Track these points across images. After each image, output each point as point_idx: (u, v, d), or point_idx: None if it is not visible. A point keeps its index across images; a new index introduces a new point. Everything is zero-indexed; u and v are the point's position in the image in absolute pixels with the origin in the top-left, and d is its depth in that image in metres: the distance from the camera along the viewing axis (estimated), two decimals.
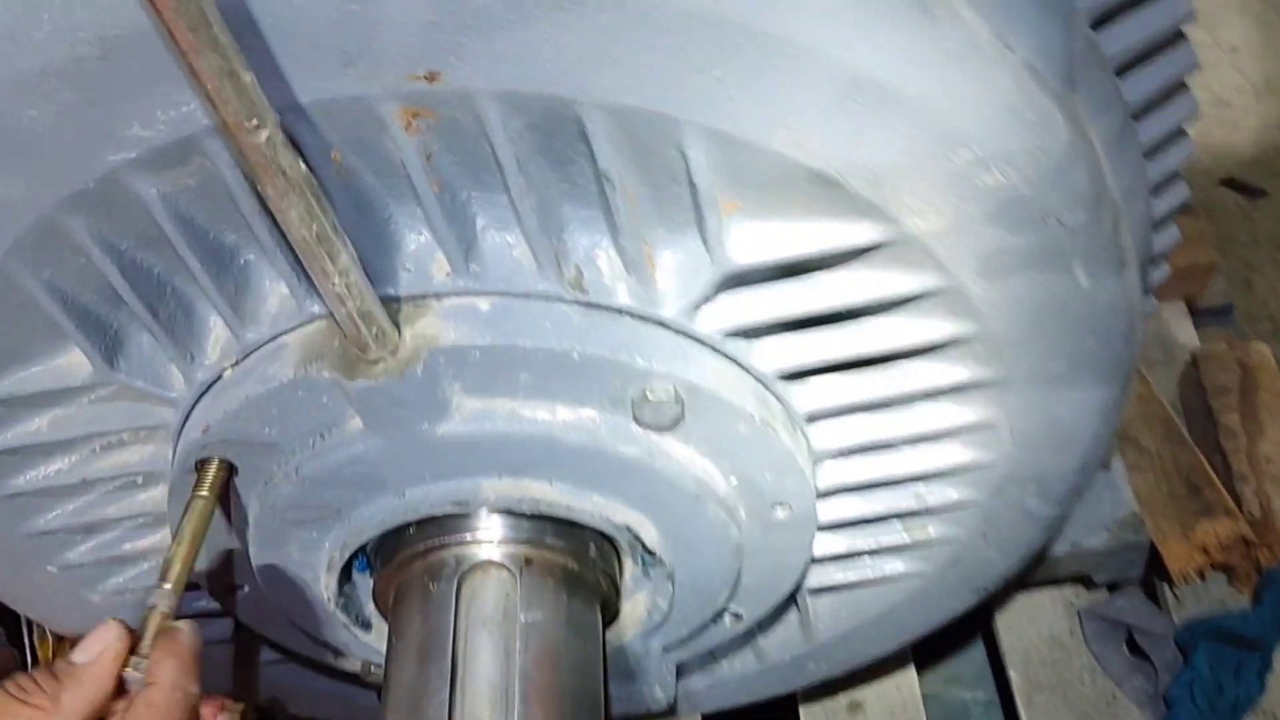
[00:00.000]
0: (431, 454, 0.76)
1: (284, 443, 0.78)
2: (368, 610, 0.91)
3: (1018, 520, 0.96)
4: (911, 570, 1.02)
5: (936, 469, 0.90)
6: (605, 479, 0.79)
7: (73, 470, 0.88)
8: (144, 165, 0.66)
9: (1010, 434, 0.87)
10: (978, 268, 0.74)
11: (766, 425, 0.79)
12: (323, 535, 0.82)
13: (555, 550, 0.82)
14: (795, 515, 0.86)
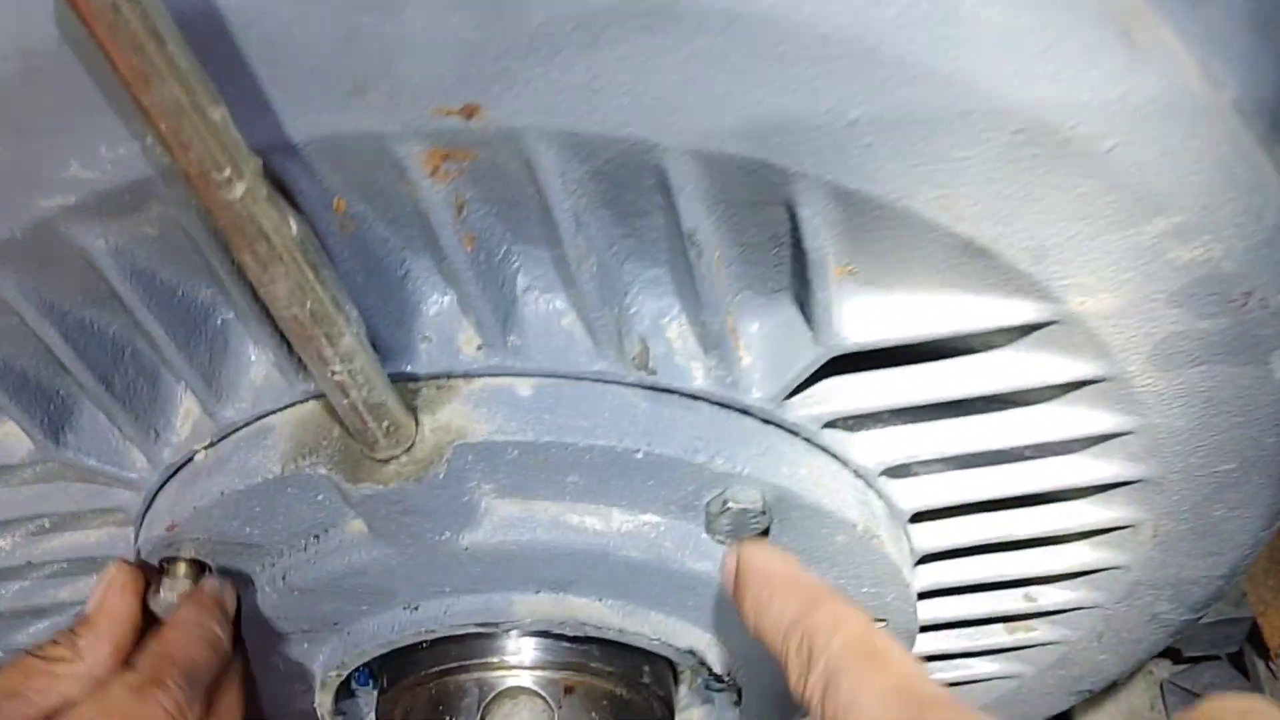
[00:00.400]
0: (454, 566, 0.61)
1: (269, 545, 0.63)
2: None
3: (1142, 625, 0.81)
4: (1008, 672, 0.87)
5: (1057, 571, 0.75)
6: (669, 596, 0.64)
7: (14, 551, 0.73)
8: (87, 212, 0.50)
9: (1154, 536, 0.72)
10: (1150, 355, 0.58)
11: (869, 535, 0.63)
12: (316, 648, 0.67)
13: (602, 676, 0.67)
14: (892, 629, 0.71)
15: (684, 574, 0.62)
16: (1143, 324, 0.56)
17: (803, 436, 0.62)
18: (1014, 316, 0.56)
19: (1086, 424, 0.62)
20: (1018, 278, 0.53)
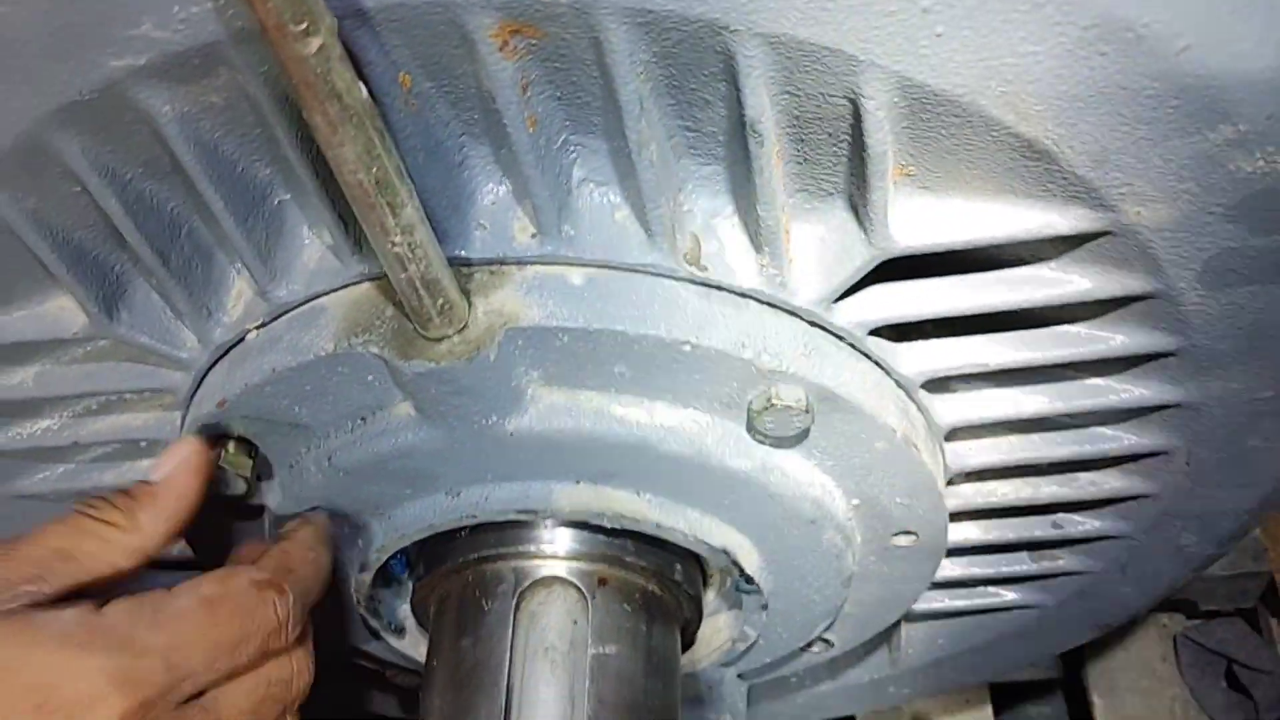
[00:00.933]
0: (497, 452, 0.62)
1: (317, 424, 0.63)
2: (401, 614, 0.77)
3: (1166, 557, 0.82)
4: (1030, 601, 0.88)
5: (1087, 498, 0.76)
6: (706, 494, 0.64)
7: (62, 431, 0.74)
8: (156, 75, 0.51)
9: (1186, 465, 0.72)
10: (1201, 273, 0.58)
11: (908, 443, 0.64)
12: (356, 533, 0.68)
13: (635, 570, 0.68)
14: (921, 544, 0.72)
15: (723, 471, 0.63)
16: (1197, 238, 0.56)
17: (848, 342, 0.62)
18: (1068, 224, 0.56)
19: (1131, 343, 0.63)
20: (1076, 183, 0.53)
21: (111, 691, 0.53)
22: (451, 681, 0.66)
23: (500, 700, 0.63)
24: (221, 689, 0.58)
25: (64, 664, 0.53)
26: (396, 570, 0.74)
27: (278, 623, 0.59)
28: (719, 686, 0.83)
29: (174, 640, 0.55)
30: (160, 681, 0.54)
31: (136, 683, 0.54)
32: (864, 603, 0.78)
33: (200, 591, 0.57)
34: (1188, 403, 0.67)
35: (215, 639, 0.57)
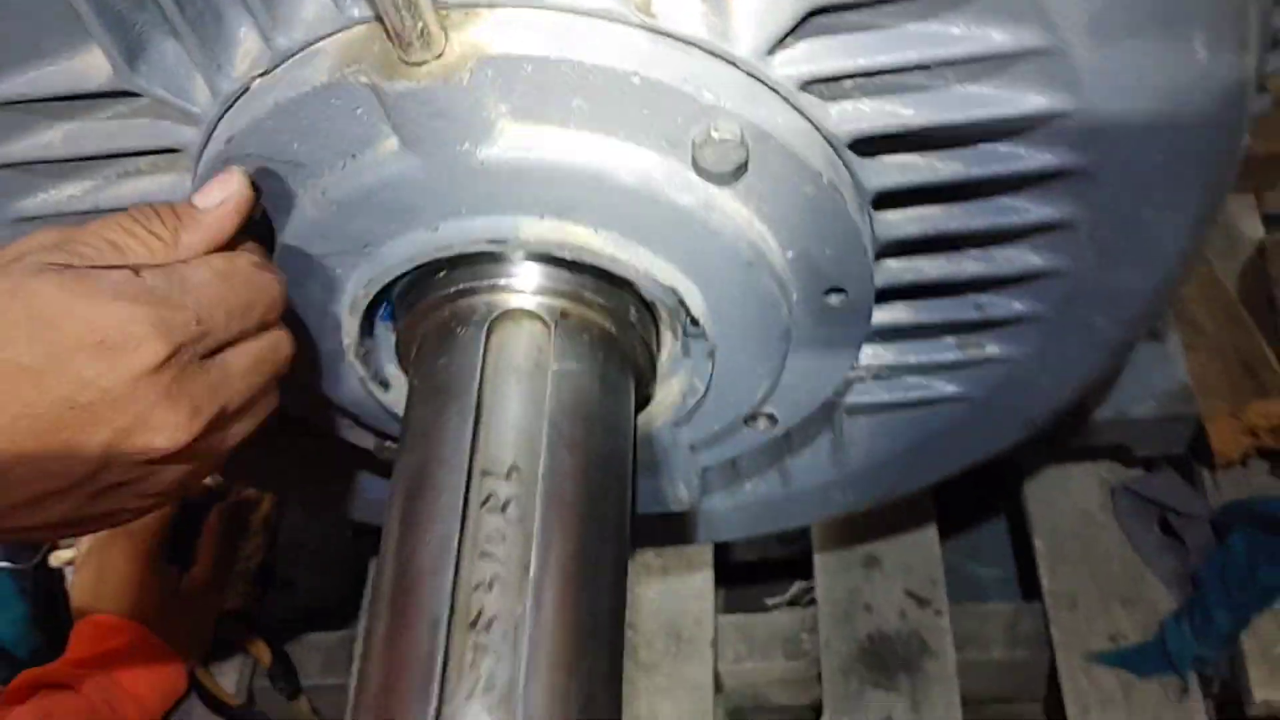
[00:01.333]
0: (470, 182, 0.70)
1: (312, 162, 0.72)
2: (387, 370, 0.86)
3: (1080, 342, 0.91)
4: (959, 392, 0.97)
5: (1004, 274, 0.85)
6: (655, 231, 0.73)
7: (86, 196, 0.83)
8: None
9: (1090, 238, 0.81)
10: (1088, 26, 0.67)
11: (834, 189, 0.73)
12: (348, 271, 0.77)
13: (593, 307, 0.77)
14: (850, 303, 0.80)
15: (670, 206, 0.71)
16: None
17: (782, 95, 0.71)
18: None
19: (1029, 101, 0.71)
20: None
21: (154, 336, 0.63)
22: (429, 393, 0.75)
23: (471, 405, 0.72)
24: (231, 349, 0.68)
25: (118, 311, 0.62)
26: (384, 320, 0.83)
27: (274, 297, 0.68)
28: (672, 453, 0.91)
29: (200, 301, 0.65)
30: (191, 333, 0.65)
31: (172, 330, 0.64)
32: (802, 372, 0.86)
33: (214, 265, 0.67)
34: (1085, 168, 0.75)
35: (231, 303, 0.67)
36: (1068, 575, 1.35)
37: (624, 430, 0.77)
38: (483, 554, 0.67)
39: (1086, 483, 1.41)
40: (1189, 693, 1.27)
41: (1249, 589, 1.28)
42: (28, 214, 0.84)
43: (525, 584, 0.66)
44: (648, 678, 1.33)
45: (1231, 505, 1.32)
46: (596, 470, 0.72)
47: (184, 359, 0.65)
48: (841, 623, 1.34)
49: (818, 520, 1.27)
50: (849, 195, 0.75)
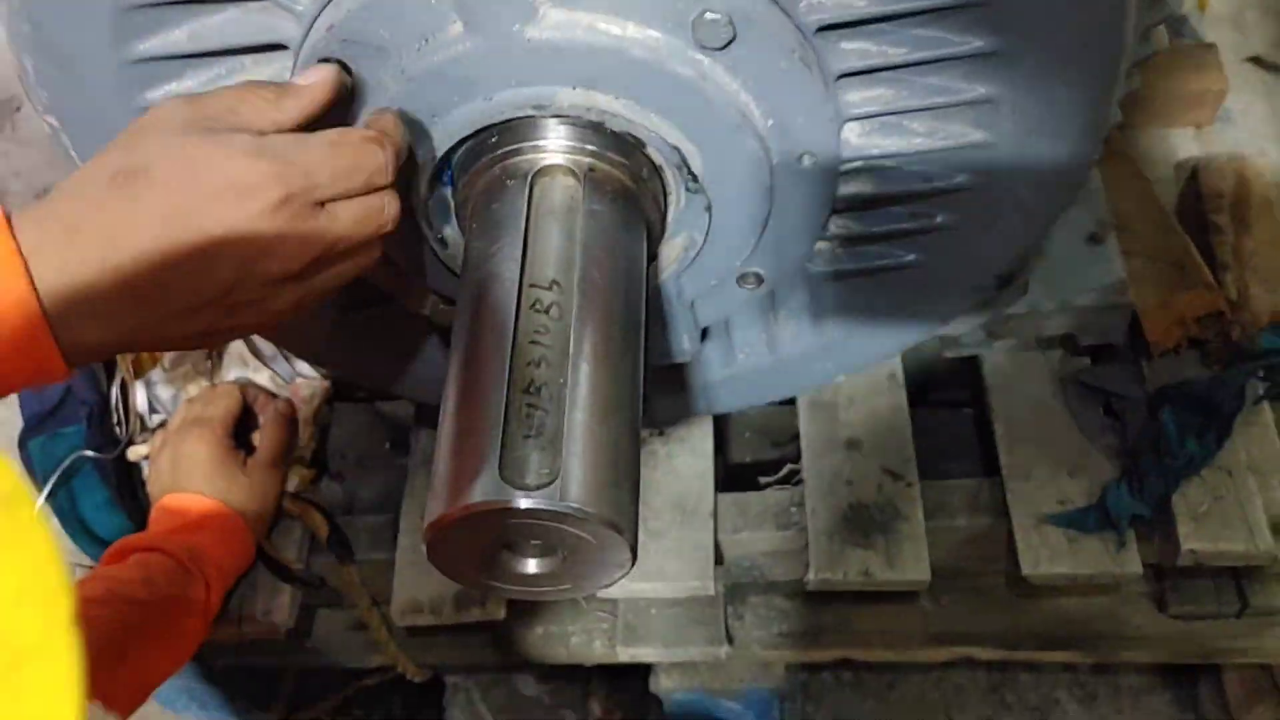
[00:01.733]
0: (518, 58, 0.90)
1: (394, 46, 0.92)
2: (445, 231, 1.06)
3: (1012, 211, 1.10)
4: (915, 259, 1.16)
5: (939, 146, 1.04)
6: (662, 98, 0.93)
7: (201, 86, 1.02)
8: None
9: (1011, 111, 1.00)
10: None
11: (804, 66, 0.93)
12: (418, 139, 0.97)
13: (614, 164, 0.96)
14: (819, 165, 1.00)
15: (674, 76, 0.91)
16: None
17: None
18: None
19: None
20: None
21: (273, 184, 0.82)
22: (485, 230, 0.94)
23: (520, 236, 0.91)
24: (341, 203, 0.86)
25: (245, 163, 0.82)
26: (446, 182, 1.03)
27: (381, 163, 0.87)
28: (675, 304, 1.11)
29: (310, 160, 0.84)
30: (302, 184, 0.83)
31: (287, 181, 0.83)
32: (781, 230, 1.06)
33: (327, 136, 0.86)
34: (1002, 50, 0.95)
35: (338, 165, 0.85)
36: (1023, 453, 1.54)
37: (638, 258, 0.97)
38: (533, 341, 0.87)
39: (1040, 375, 1.59)
40: (1126, 546, 1.46)
41: (1178, 458, 1.47)
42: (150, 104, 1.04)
43: (565, 362, 0.86)
44: (656, 542, 1.52)
45: (1163, 388, 1.52)
46: (619, 282, 0.93)
47: (296, 204, 0.84)
48: (826, 495, 1.53)
49: (804, 391, 1.47)
50: (815, 72, 0.95)
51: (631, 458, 0.86)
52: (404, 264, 1.10)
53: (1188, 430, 1.48)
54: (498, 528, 0.80)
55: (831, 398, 1.59)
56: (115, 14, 0.96)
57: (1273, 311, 1.53)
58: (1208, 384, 1.51)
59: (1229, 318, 1.53)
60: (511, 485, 0.78)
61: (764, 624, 1.68)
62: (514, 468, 0.80)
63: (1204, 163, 1.68)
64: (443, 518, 0.79)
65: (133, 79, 1.01)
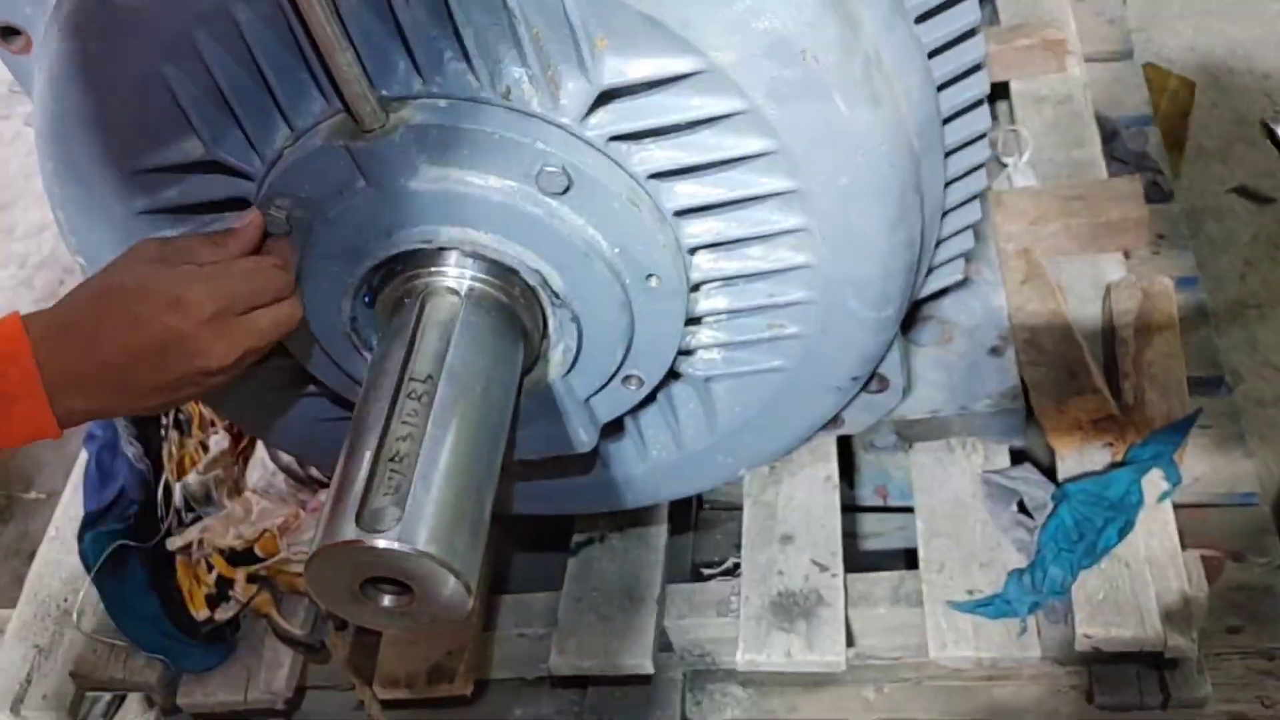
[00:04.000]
0: (407, 204, 1.16)
1: (316, 197, 1.19)
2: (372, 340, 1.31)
3: (846, 320, 1.30)
4: (777, 364, 1.36)
5: (774, 268, 1.25)
6: (521, 232, 1.17)
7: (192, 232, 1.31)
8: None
9: (821, 238, 1.22)
10: (766, 93, 1.10)
11: (634, 205, 1.16)
12: (342, 269, 1.23)
13: (492, 285, 1.20)
14: (665, 285, 1.22)
15: (528, 215, 1.16)
16: (754, 71, 1.08)
17: (594, 146, 1.15)
18: (686, 66, 1.09)
19: (747, 145, 1.14)
20: (680, 41, 1.06)
21: (206, 300, 1.09)
22: (385, 337, 1.20)
23: (407, 341, 1.16)
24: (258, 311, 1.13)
25: (186, 285, 1.10)
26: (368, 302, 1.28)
27: (284, 281, 1.15)
28: (568, 400, 1.33)
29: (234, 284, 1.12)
30: (228, 301, 1.11)
31: (216, 298, 1.10)
32: (648, 339, 1.28)
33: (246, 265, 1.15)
34: (800, 189, 1.17)
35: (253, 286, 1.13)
36: (940, 546, 1.69)
37: (506, 359, 1.21)
38: (404, 421, 1.10)
39: (962, 476, 1.75)
40: (1027, 631, 1.59)
41: (1076, 550, 1.61)
42: None
43: (424, 439, 1.09)
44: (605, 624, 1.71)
45: (1062, 485, 1.66)
46: (481, 377, 1.16)
47: (226, 315, 1.11)
48: (759, 584, 1.70)
49: (714, 485, 1.65)
50: (647, 210, 1.18)
51: (475, 512, 1.08)
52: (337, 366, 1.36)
53: (1084, 525, 1.62)
54: (356, 565, 1.02)
55: (772, 497, 1.78)
56: (123, 179, 1.26)
57: (1166, 415, 1.67)
58: (1104, 481, 1.65)
59: (1122, 421, 1.67)
60: (364, 529, 1.01)
61: (718, 709, 1.84)
62: (370, 517, 1.02)
63: (1114, 284, 1.84)
64: (314, 554, 1.02)
65: (138, 228, 1.30)
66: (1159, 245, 2.03)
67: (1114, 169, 2.08)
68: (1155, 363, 1.72)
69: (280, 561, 1.80)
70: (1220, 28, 3.22)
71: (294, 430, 1.54)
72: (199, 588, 1.83)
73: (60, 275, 3.37)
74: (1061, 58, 2.15)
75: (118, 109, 1.20)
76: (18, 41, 1.23)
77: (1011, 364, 1.69)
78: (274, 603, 1.81)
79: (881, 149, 1.15)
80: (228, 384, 1.16)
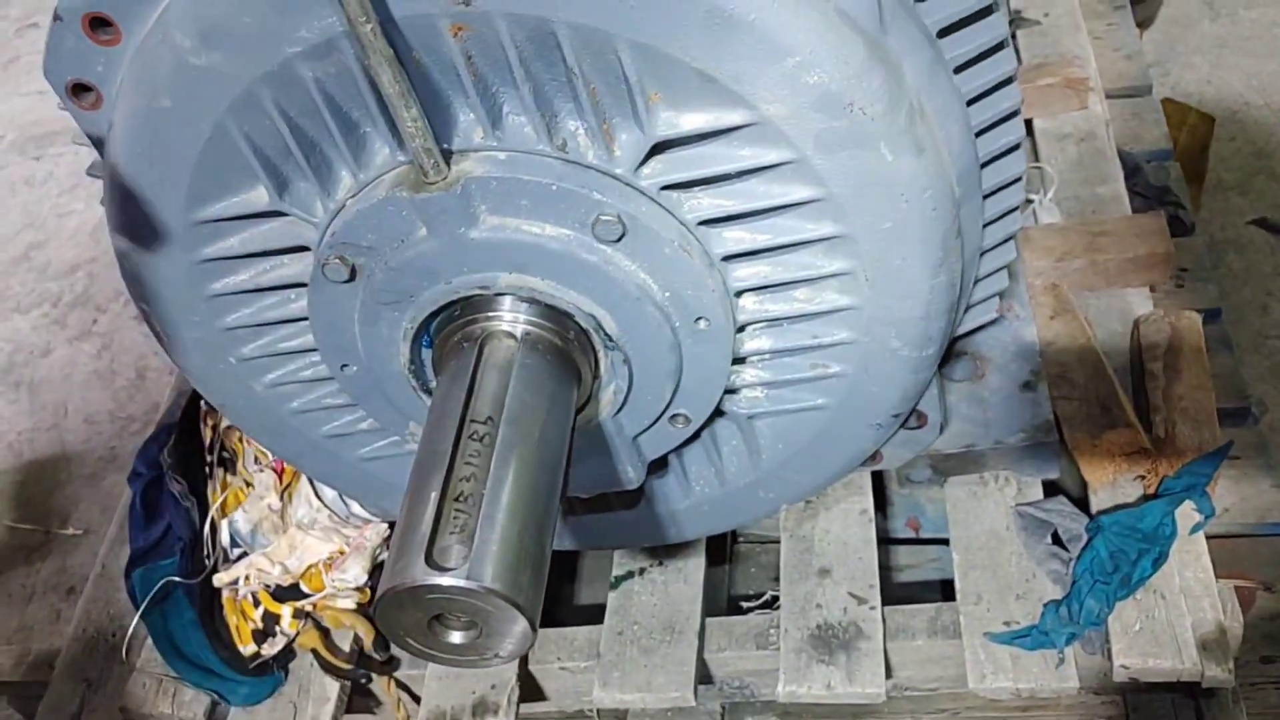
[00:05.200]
0: (467, 252, 1.21)
1: (378, 246, 1.23)
2: (431, 381, 1.35)
3: (888, 359, 1.34)
4: (820, 402, 1.40)
5: (820, 309, 1.29)
6: (577, 278, 1.22)
7: (252, 279, 1.36)
8: (306, 57, 1.13)
9: (866, 280, 1.26)
10: (814, 144, 1.14)
11: (685, 251, 1.20)
12: (401, 314, 1.27)
13: (547, 330, 1.25)
14: (713, 327, 1.27)
15: (584, 262, 1.20)
16: (803, 123, 1.12)
17: (647, 195, 1.19)
18: (737, 119, 1.13)
19: (795, 193, 1.18)
20: (732, 95, 1.11)
21: None
22: (445, 380, 1.24)
23: (466, 384, 1.20)
24: None
25: None
26: (426, 345, 1.32)
27: None
28: (618, 439, 1.37)
29: None
30: None
31: None
32: (695, 379, 1.32)
33: None
34: (846, 234, 1.21)
35: None
36: (976, 579, 1.71)
37: (562, 400, 1.24)
38: (466, 462, 1.14)
39: (996, 509, 1.78)
40: (1065, 662, 1.61)
41: (1112, 582, 1.63)
42: (215, 293, 1.37)
43: (488, 479, 1.12)
44: (646, 658, 1.74)
45: (1096, 517, 1.69)
46: (539, 418, 1.20)
47: None
48: (798, 617, 1.73)
49: (758, 519, 1.68)
50: (697, 255, 1.22)
51: (537, 551, 1.11)
52: (395, 407, 1.39)
53: (1122, 556, 1.65)
54: (425, 602, 1.06)
55: (809, 531, 1.81)
56: (187, 229, 1.30)
57: (1197, 447, 1.70)
58: (1138, 513, 1.68)
59: (1154, 454, 1.70)
60: (433, 568, 1.04)
61: None
62: (439, 556, 1.06)
63: (1142, 317, 1.88)
64: (384, 593, 1.05)
65: (198, 275, 1.35)
66: (1182, 278, 2.06)
67: (1136, 204, 2.12)
68: (1185, 395, 1.75)
69: (326, 596, 1.83)
70: (1236, 62, 3.28)
71: (342, 467, 1.58)
72: (245, 623, 1.86)
73: (93, 314, 3.44)
74: (1083, 95, 2.20)
75: (185, 162, 1.24)
76: (89, 98, 1.28)
77: (1044, 398, 1.72)
78: (320, 637, 1.83)
79: (925, 195, 1.19)
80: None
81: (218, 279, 1.36)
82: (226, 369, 1.46)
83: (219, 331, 1.41)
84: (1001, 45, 1.27)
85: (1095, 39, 2.42)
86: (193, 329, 1.41)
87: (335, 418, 1.52)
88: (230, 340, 1.43)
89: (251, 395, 1.49)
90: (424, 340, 1.32)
